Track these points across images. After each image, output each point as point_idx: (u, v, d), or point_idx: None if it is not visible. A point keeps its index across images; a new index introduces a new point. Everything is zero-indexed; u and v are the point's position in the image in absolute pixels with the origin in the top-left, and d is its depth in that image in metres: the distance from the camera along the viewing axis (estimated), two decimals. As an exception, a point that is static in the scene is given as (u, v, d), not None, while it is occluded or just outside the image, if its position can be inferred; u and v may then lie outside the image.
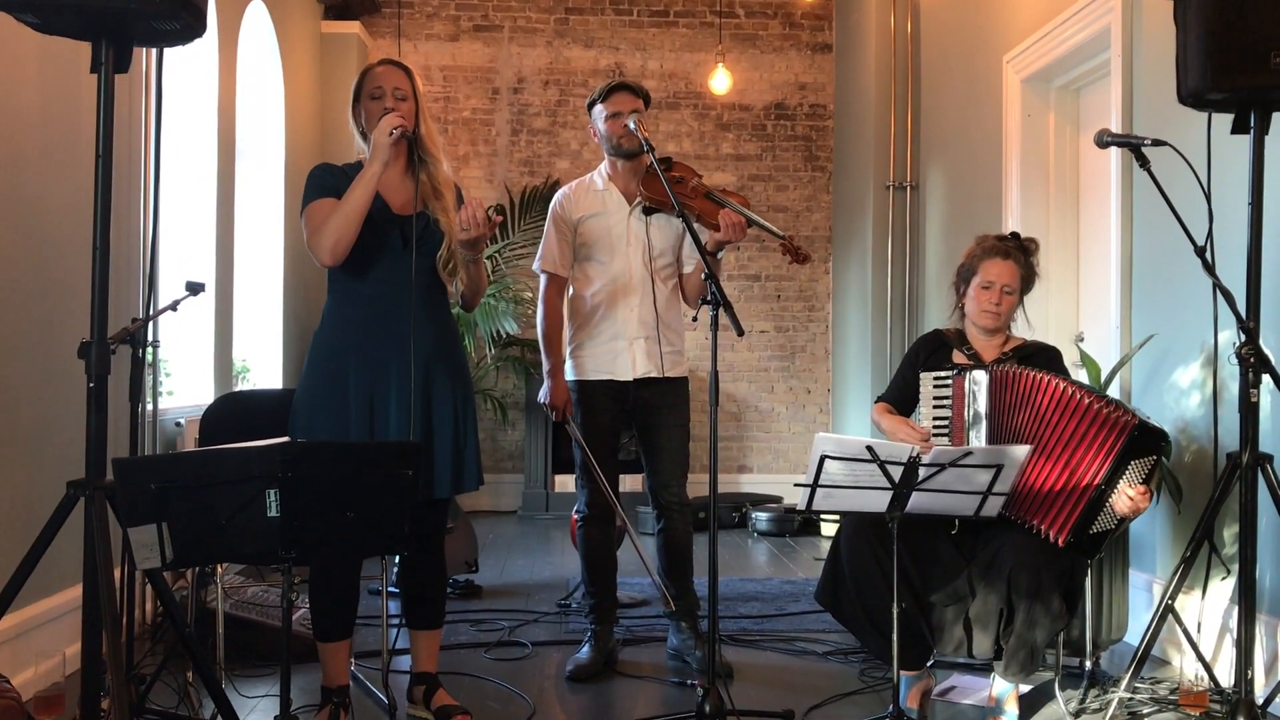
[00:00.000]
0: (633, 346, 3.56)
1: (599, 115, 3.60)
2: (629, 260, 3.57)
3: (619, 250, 3.58)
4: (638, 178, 3.57)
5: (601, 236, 3.59)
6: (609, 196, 3.61)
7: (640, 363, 3.56)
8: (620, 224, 3.57)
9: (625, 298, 3.57)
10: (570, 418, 3.60)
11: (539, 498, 7.15)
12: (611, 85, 3.61)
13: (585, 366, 3.60)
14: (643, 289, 3.55)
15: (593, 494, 3.60)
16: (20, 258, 3.22)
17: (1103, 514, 2.88)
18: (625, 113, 3.52)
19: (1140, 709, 3.09)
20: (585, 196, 3.64)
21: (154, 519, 2.20)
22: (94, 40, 2.37)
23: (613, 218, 3.58)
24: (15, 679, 2.74)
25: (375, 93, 2.91)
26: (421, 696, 3.06)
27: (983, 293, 3.20)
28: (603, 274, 3.59)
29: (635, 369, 3.56)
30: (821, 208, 7.62)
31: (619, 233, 3.58)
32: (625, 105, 3.54)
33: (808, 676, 3.52)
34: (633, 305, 3.56)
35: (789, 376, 7.68)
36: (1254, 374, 2.79)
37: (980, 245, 3.28)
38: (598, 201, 3.62)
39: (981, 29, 5.41)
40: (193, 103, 5.01)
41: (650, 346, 3.55)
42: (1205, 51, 2.75)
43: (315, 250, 2.82)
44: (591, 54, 7.58)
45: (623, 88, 3.59)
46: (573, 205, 3.63)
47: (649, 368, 3.56)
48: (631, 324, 3.56)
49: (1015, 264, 3.19)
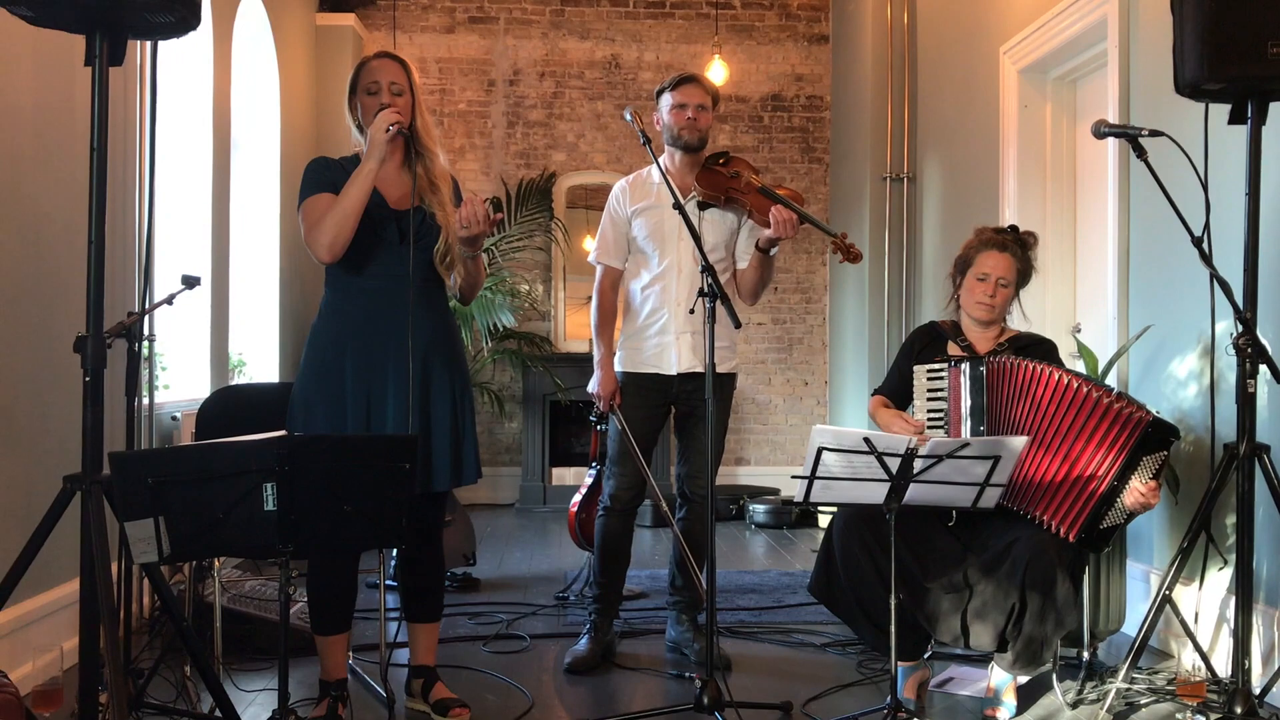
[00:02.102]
0: (679, 341, 3.56)
1: (665, 104, 3.59)
2: (680, 254, 3.57)
3: (671, 244, 3.58)
4: (694, 171, 3.57)
5: (654, 230, 3.59)
6: (663, 190, 3.60)
7: (685, 357, 3.56)
8: (673, 218, 3.54)
9: (675, 291, 3.57)
10: (616, 408, 3.61)
11: (536, 490, 7.15)
12: (683, 76, 3.60)
13: (632, 359, 3.62)
14: (693, 283, 3.53)
15: (619, 487, 3.61)
16: (16, 252, 3.21)
17: (1113, 510, 2.88)
18: (691, 106, 3.53)
19: (1138, 699, 3.09)
20: (641, 189, 3.65)
21: (151, 513, 2.20)
22: (88, 33, 2.36)
23: (666, 211, 3.56)
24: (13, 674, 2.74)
25: (371, 87, 2.89)
26: (420, 689, 3.06)
27: (978, 284, 3.20)
28: (654, 267, 3.60)
29: (680, 363, 3.56)
30: (818, 199, 7.61)
31: (671, 226, 3.57)
32: (693, 98, 3.54)
33: (805, 668, 3.53)
34: (681, 299, 3.56)
35: (786, 369, 7.69)
36: (1251, 364, 2.79)
37: (978, 237, 3.28)
38: (652, 194, 3.62)
39: (978, 20, 5.40)
40: (188, 96, 5.00)
41: (697, 341, 3.53)
42: (1202, 42, 2.74)
43: (313, 247, 2.82)
44: (587, 46, 7.57)
45: (693, 80, 3.58)
46: (628, 198, 3.64)
47: (694, 362, 3.54)
48: (679, 318, 3.56)
49: (1012, 257, 3.19)
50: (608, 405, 3.61)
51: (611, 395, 3.60)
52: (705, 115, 3.56)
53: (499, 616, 4.15)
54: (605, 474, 3.69)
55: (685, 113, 3.53)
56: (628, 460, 3.59)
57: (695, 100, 3.54)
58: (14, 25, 2.61)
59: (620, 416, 3.58)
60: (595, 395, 3.63)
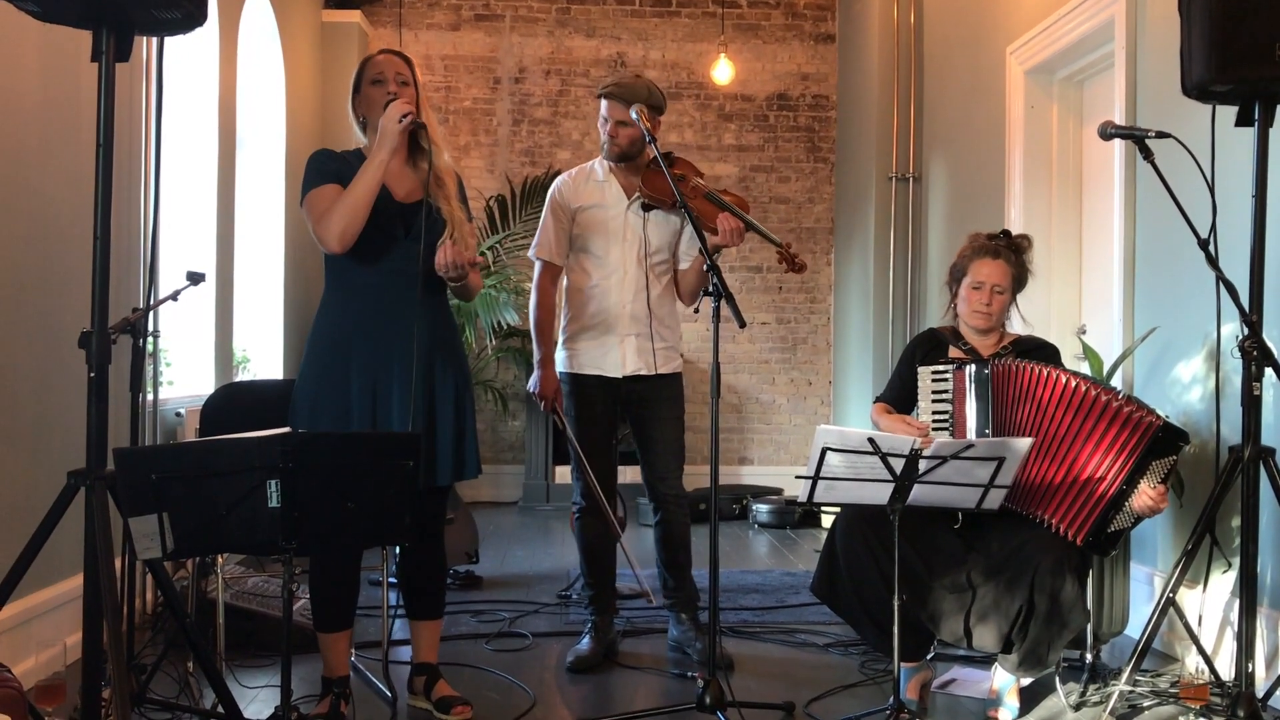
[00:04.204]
0: (624, 343, 3.54)
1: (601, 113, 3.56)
2: (624, 255, 3.55)
3: (615, 244, 3.55)
4: (639, 173, 3.55)
5: (598, 229, 3.56)
6: (609, 189, 3.59)
7: (630, 360, 3.55)
8: (618, 217, 3.55)
9: (618, 293, 3.54)
10: (559, 409, 3.59)
11: (539, 489, 7.15)
12: (603, 88, 3.52)
13: (577, 360, 3.59)
14: (636, 284, 3.53)
15: (588, 485, 3.60)
16: (21, 248, 3.21)
17: (1121, 514, 2.88)
18: (612, 121, 3.49)
19: (1141, 702, 3.08)
20: (585, 186, 3.61)
21: (155, 509, 2.20)
22: (94, 29, 2.35)
23: (610, 210, 3.56)
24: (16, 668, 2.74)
25: (378, 78, 2.89)
26: (422, 687, 3.06)
27: (973, 293, 3.19)
28: (597, 267, 3.57)
29: (625, 366, 3.55)
30: (824, 199, 7.60)
31: (616, 226, 3.55)
32: (611, 114, 3.48)
33: (808, 668, 3.52)
34: (625, 301, 3.54)
35: (790, 368, 7.68)
36: (1257, 367, 2.78)
37: (971, 244, 3.28)
38: (597, 193, 3.59)
39: (984, 20, 5.39)
40: (193, 92, 5.00)
41: (642, 343, 3.53)
42: (1209, 43, 2.74)
43: (323, 236, 2.81)
44: (593, 44, 7.56)
45: (609, 95, 3.48)
46: (572, 193, 3.61)
47: (639, 365, 3.54)
48: (624, 320, 3.54)
49: (1005, 263, 3.18)
50: (549, 406, 3.58)
51: (554, 395, 3.57)
52: (625, 130, 3.47)
53: (501, 614, 4.15)
54: (572, 474, 3.66)
55: (606, 126, 3.51)
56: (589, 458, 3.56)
57: (614, 116, 3.48)
58: (21, 20, 2.62)
59: (560, 418, 3.56)
60: (536, 396, 3.59)
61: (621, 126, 3.48)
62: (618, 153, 3.53)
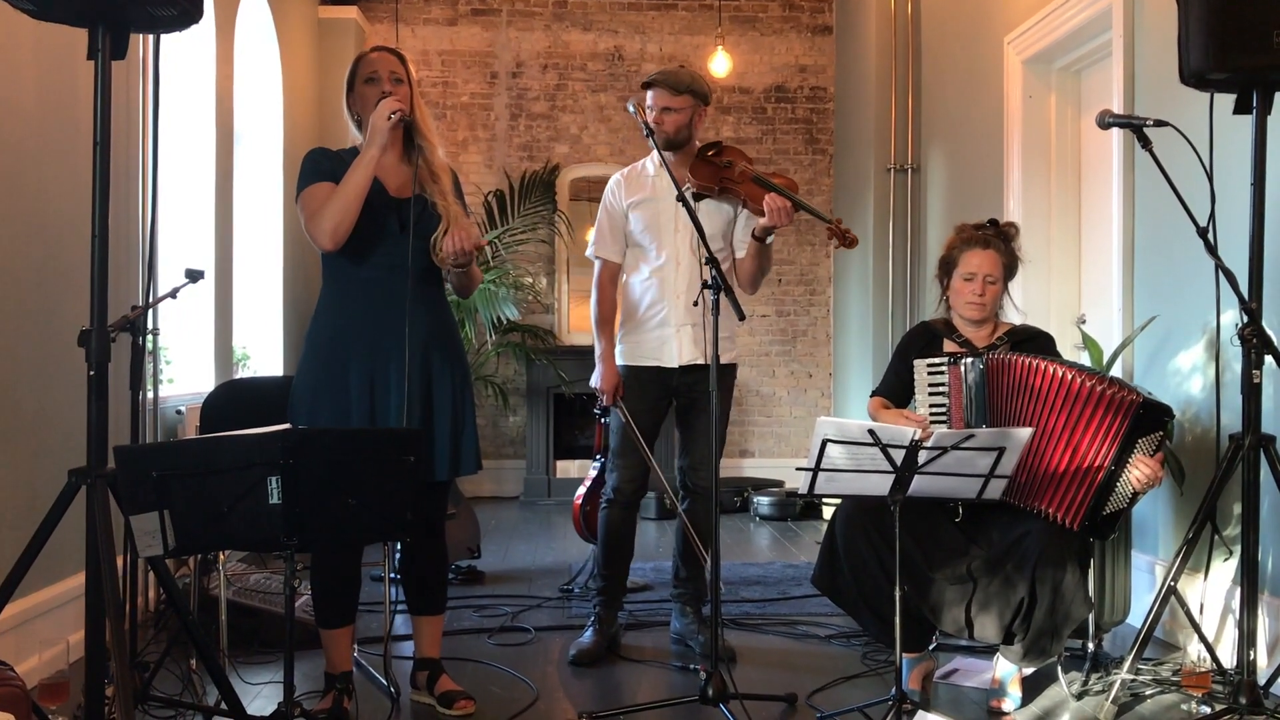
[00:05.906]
0: (679, 333, 3.56)
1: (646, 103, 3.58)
2: (677, 246, 3.57)
3: (668, 236, 3.57)
4: (687, 163, 3.56)
5: (650, 221, 3.59)
6: (659, 182, 3.59)
7: (686, 350, 3.56)
8: (669, 210, 3.55)
9: (673, 284, 3.56)
10: (619, 402, 3.61)
11: (541, 483, 7.16)
12: (650, 78, 3.57)
13: (633, 352, 3.62)
14: (690, 274, 3.53)
15: (622, 480, 3.61)
16: (19, 246, 3.21)
17: (1114, 495, 2.88)
18: (657, 108, 3.51)
19: (1143, 690, 3.09)
20: (636, 182, 3.64)
21: (156, 506, 2.20)
22: (90, 27, 2.35)
23: (662, 203, 3.57)
24: (19, 667, 2.74)
25: (371, 76, 2.89)
26: (425, 682, 3.06)
27: (965, 284, 3.18)
28: (652, 260, 3.59)
29: (681, 356, 3.56)
30: (822, 191, 7.60)
31: (668, 218, 3.57)
32: (657, 101, 3.52)
33: (810, 660, 3.53)
34: (680, 291, 3.55)
35: (790, 360, 7.68)
36: (1256, 355, 2.78)
37: (959, 236, 3.27)
38: (648, 187, 3.61)
39: (982, 10, 5.38)
40: (190, 89, 4.99)
41: (697, 333, 3.53)
42: (1207, 31, 2.73)
43: (315, 234, 2.81)
44: (590, 37, 7.55)
45: (655, 84, 3.54)
46: (624, 191, 3.63)
47: (695, 355, 3.55)
48: (679, 310, 3.55)
49: (996, 252, 3.18)
50: (611, 399, 3.61)
51: (614, 389, 3.60)
52: (671, 116, 3.51)
53: (504, 609, 4.15)
54: (608, 467, 3.69)
55: (652, 114, 3.53)
56: (630, 453, 3.59)
57: (659, 104, 3.52)
58: (17, 19, 2.61)
59: (624, 410, 3.59)
60: (598, 390, 3.63)
61: (666, 113, 3.51)
62: (665, 139, 3.52)
